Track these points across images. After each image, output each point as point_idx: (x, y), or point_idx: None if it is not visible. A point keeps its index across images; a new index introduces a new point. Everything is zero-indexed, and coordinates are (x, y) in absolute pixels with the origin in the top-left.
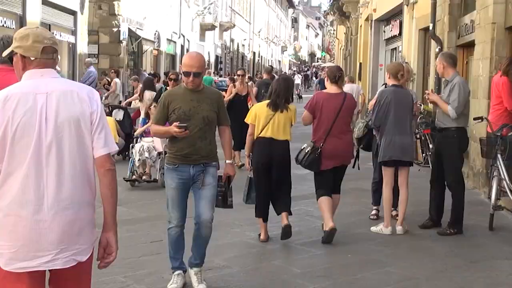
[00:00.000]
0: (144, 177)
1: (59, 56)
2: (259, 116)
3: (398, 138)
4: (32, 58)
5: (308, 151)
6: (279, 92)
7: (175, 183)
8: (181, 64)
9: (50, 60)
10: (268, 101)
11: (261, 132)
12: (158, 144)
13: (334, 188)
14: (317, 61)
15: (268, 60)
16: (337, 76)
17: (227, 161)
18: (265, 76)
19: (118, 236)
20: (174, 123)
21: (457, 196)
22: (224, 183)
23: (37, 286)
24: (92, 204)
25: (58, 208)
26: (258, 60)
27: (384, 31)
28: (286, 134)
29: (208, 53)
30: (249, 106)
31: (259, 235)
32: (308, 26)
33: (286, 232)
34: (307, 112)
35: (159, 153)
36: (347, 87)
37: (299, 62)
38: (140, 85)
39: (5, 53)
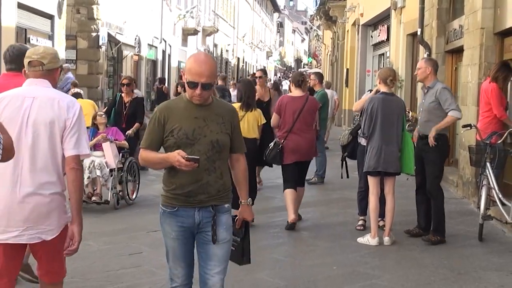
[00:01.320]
0: (93, 198)
1: (67, 65)
2: None
3: (384, 148)
4: (27, 71)
5: (271, 146)
6: (249, 93)
7: (175, 233)
8: (182, 70)
9: (39, 72)
10: (239, 103)
11: None
12: (111, 159)
13: (298, 181)
14: (303, 67)
15: (253, 66)
16: (300, 81)
17: (243, 202)
18: (220, 82)
19: (96, 247)
20: (178, 152)
21: (436, 203)
22: (240, 230)
23: (11, 259)
24: (60, 193)
25: (27, 192)
26: (243, 65)
27: (371, 36)
28: (255, 132)
29: None
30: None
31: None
32: (294, 31)
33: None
34: (275, 114)
35: (112, 170)
36: None
37: (284, 68)
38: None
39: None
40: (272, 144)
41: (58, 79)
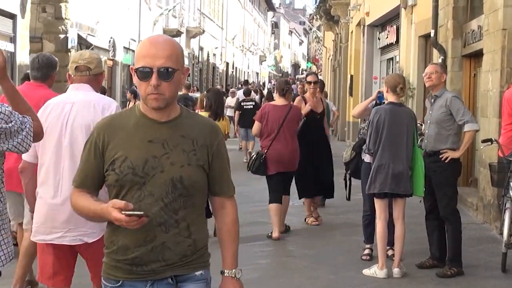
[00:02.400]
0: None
1: (104, 70)
2: None
3: (391, 166)
4: (73, 76)
5: (253, 157)
6: (218, 103)
7: None
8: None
9: (85, 77)
10: (207, 112)
11: None
12: None
13: (283, 191)
14: (302, 73)
15: (244, 72)
16: (284, 90)
17: (227, 272)
18: (184, 91)
19: None
20: (113, 203)
21: (452, 229)
22: None
23: (62, 259)
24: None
25: (67, 195)
26: (232, 72)
27: (378, 38)
28: None
29: None
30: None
31: None
32: (291, 32)
33: None
34: (256, 122)
35: None
36: None
37: (280, 75)
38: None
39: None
40: (254, 154)
41: (101, 82)
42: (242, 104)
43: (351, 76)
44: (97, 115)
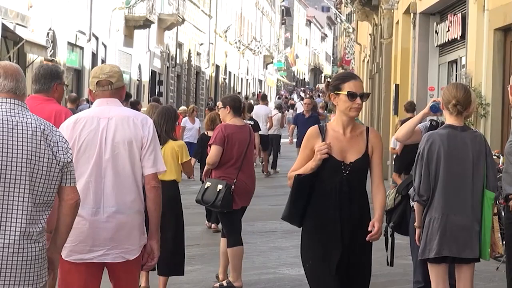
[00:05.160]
0: None
1: (125, 84)
2: None
3: (451, 218)
4: (94, 91)
5: (220, 189)
6: (167, 123)
7: None
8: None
9: (107, 91)
10: None
11: None
12: None
13: None
14: (325, 81)
15: (242, 79)
16: (241, 108)
17: None
18: (69, 105)
19: None
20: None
21: None
22: None
23: (92, 278)
24: (141, 212)
25: (111, 212)
26: (224, 78)
27: (436, 32)
28: (172, 172)
29: (139, 66)
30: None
31: None
32: (309, 23)
33: None
34: (215, 147)
35: None
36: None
37: (294, 83)
38: None
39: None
40: (221, 186)
41: (123, 96)
42: None
43: (397, 85)
44: (138, 130)
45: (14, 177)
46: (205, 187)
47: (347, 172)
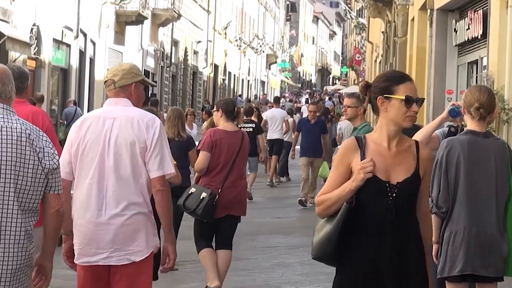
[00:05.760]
0: None
1: (135, 81)
2: None
3: (473, 231)
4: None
5: (203, 197)
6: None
7: None
8: None
9: (112, 90)
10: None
11: None
12: None
13: (221, 242)
14: (334, 83)
15: (243, 81)
16: (234, 112)
17: None
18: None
19: None
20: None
21: None
22: None
23: (99, 280)
24: (145, 214)
25: (112, 214)
26: (224, 79)
27: (455, 30)
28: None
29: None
30: None
31: None
32: (316, 19)
33: None
34: (203, 153)
35: None
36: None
37: (299, 85)
38: None
39: None
40: (205, 194)
41: (136, 94)
42: (240, 126)
43: None
44: (141, 132)
45: None
46: (189, 192)
47: (394, 195)
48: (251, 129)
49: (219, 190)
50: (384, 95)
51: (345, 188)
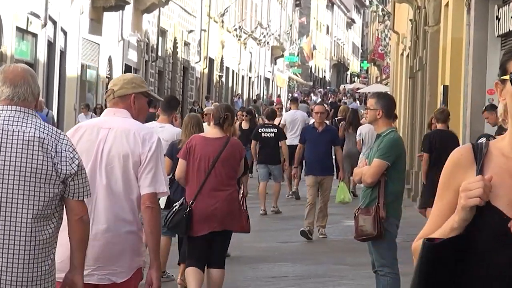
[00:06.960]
0: None
1: (136, 92)
2: None
3: None
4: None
5: (175, 209)
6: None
7: None
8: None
9: (111, 100)
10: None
11: None
12: None
13: (213, 260)
14: (352, 80)
15: (243, 77)
16: (222, 118)
17: None
18: None
19: None
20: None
21: None
22: None
23: None
24: (135, 233)
25: (100, 229)
26: (220, 76)
27: (497, 18)
28: None
29: (109, 59)
30: None
31: None
32: (331, 5)
33: None
34: (181, 161)
35: None
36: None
37: (311, 83)
38: None
39: None
40: (178, 204)
41: (136, 106)
42: (260, 131)
43: (445, 87)
44: (137, 145)
45: (6, 190)
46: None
47: None
48: (272, 134)
49: (191, 202)
50: (501, 78)
51: (446, 226)
